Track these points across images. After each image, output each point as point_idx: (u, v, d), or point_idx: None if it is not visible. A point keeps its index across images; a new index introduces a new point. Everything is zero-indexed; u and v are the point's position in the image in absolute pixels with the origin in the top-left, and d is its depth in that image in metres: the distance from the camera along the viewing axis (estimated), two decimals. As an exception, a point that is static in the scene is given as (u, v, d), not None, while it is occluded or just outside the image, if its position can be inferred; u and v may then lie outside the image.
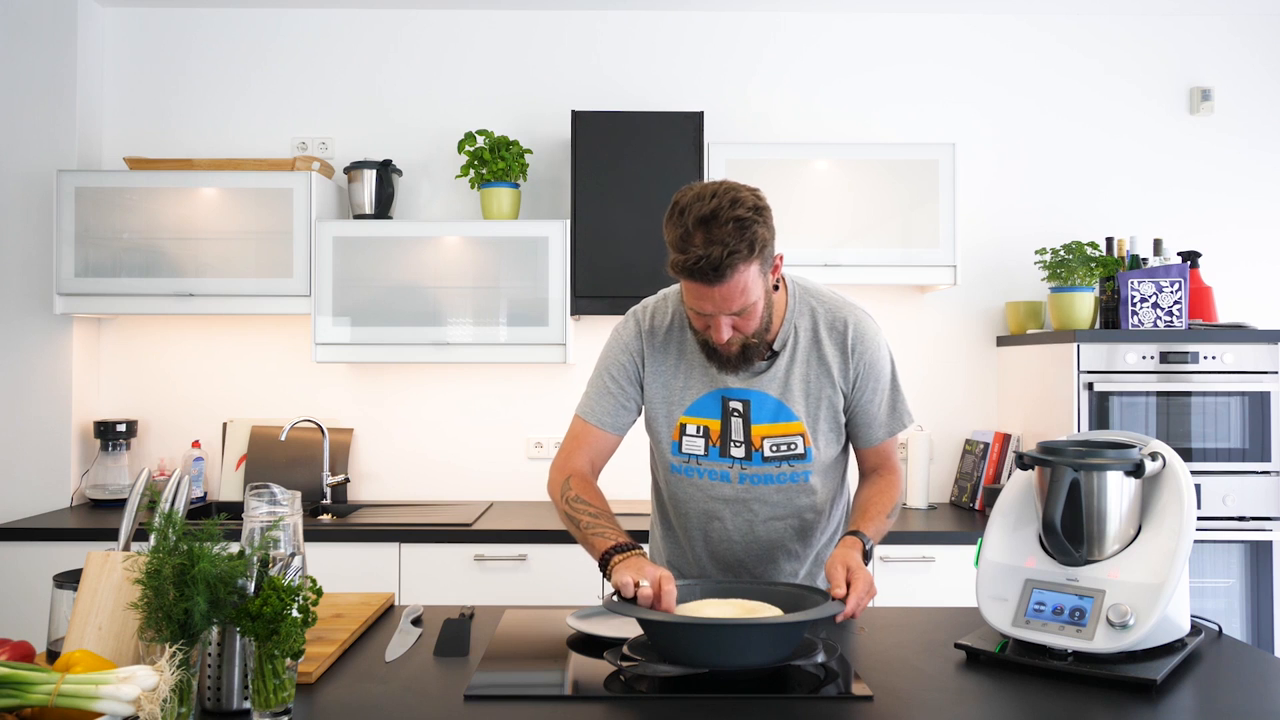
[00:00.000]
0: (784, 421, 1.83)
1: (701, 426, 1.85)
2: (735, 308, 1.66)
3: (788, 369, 1.84)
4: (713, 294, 1.64)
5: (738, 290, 1.64)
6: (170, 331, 3.67)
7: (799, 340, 1.84)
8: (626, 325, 1.92)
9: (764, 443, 1.84)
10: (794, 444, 1.84)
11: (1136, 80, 3.72)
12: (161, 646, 1.23)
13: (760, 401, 1.83)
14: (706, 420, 1.85)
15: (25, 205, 3.47)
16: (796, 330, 1.84)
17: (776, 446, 1.84)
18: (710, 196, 1.62)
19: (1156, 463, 1.62)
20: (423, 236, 3.37)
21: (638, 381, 1.90)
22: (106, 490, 3.46)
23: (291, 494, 1.53)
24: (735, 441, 1.84)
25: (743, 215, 1.61)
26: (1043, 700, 1.43)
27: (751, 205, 1.64)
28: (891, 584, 3.02)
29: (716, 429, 1.85)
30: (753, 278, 1.65)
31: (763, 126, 3.67)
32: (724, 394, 1.84)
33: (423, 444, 3.67)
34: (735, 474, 1.86)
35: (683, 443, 1.87)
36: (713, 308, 1.67)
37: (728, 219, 1.59)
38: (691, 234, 1.61)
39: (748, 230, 1.60)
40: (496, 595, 2.95)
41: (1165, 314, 3.17)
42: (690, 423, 1.86)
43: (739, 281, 1.63)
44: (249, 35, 3.70)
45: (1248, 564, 3.11)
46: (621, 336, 1.92)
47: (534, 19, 3.71)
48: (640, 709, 1.41)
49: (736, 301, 1.65)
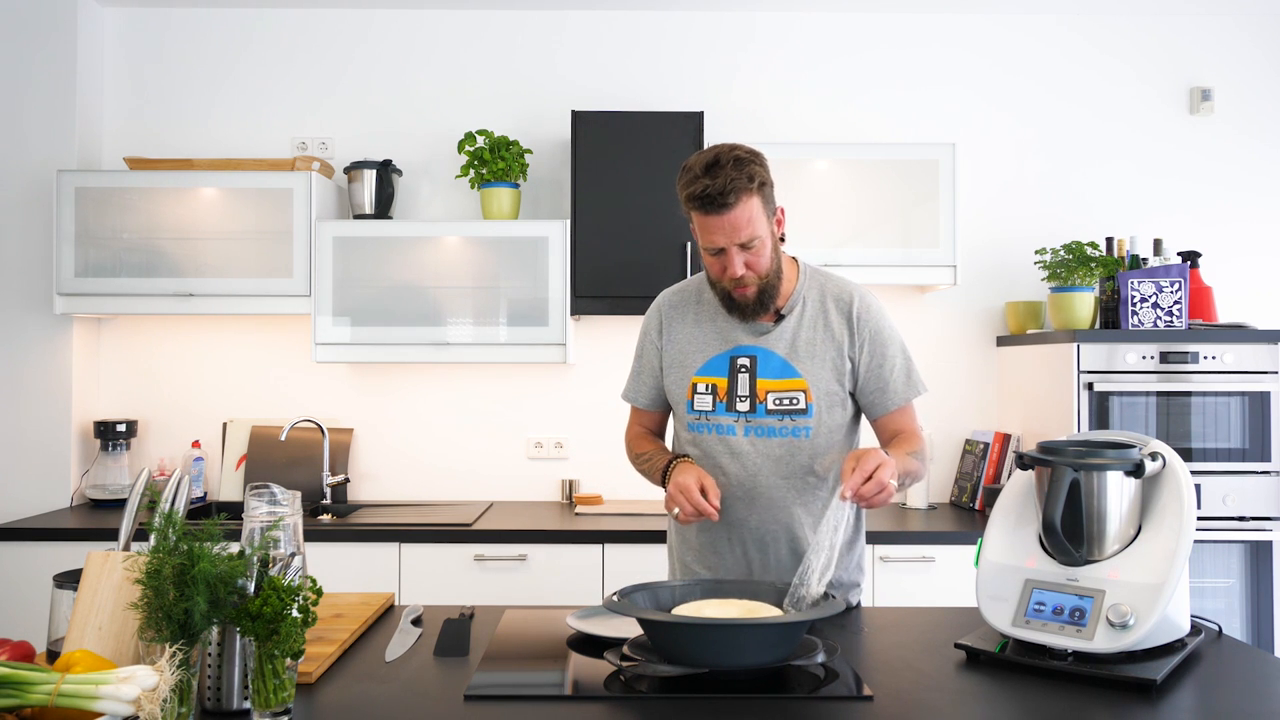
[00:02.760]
0: (788, 378, 1.97)
1: (710, 384, 2.00)
2: (742, 237, 1.85)
3: (795, 330, 1.98)
4: (722, 223, 1.84)
5: (744, 219, 1.84)
6: (170, 331, 3.67)
7: (807, 307, 2.00)
8: (651, 308, 2.14)
9: (768, 396, 1.96)
10: (796, 399, 1.96)
11: (1137, 80, 3.72)
12: (161, 646, 1.23)
13: (766, 358, 1.98)
14: (715, 379, 2.00)
15: (25, 205, 3.47)
16: (805, 299, 2.00)
17: (779, 400, 1.96)
18: (711, 150, 1.89)
19: (1156, 463, 1.62)
20: (423, 236, 3.37)
21: (659, 358, 2.10)
22: (106, 490, 3.46)
23: (291, 494, 1.53)
24: (740, 396, 1.98)
25: (741, 156, 1.86)
26: (1043, 700, 1.43)
27: (748, 151, 1.88)
28: (891, 584, 3.02)
29: (724, 386, 1.99)
30: (756, 211, 1.86)
31: (763, 126, 3.67)
32: (733, 353, 2.00)
33: (423, 444, 3.67)
34: (740, 427, 1.98)
35: (694, 400, 2.02)
36: (724, 239, 1.86)
37: (728, 160, 1.84)
38: (699, 176, 1.84)
39: (746, 166, 1.85)
40: (496, 595, 2.95)
41: (1165, 314, 3.17)
42: (701, 381, 2.01)
43: (744, 211, 1.84)
44: (249, 35, 3.70)
45: (1248, 564, 3.11)
46: (646, 320, 2.14)
47: (534, 19, 3.71)
48: (640, 709, 1.41)
49: (743, 230, 1.85)
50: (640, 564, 2.97)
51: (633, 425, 2.20)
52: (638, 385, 2.14)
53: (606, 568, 3.02)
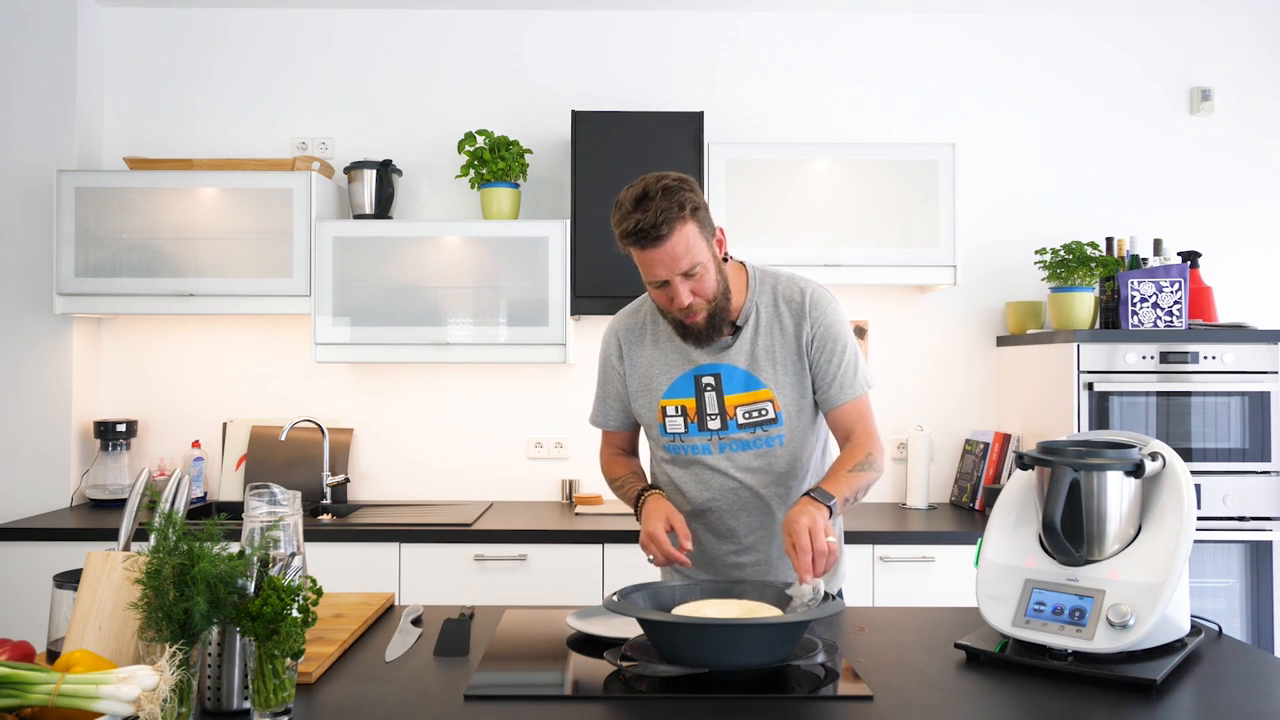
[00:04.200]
0: (753, 390, 1.97)
1: (679, 406, 2.01)
2: (682, 266, 1.83)
3: (752, 341, 1.98)
4: (660, 256, 1.82)
5: (681, 249, 1.82)
6: (170, 331, 3.67)
7: (760, 315, 1.99)
8: (606, 336, 2.13)
9: (737, 411, 1.97)
10: (764, 409, 1.97)
11: (1136, 80, 3.72)
12: (161, 646, 1.23)
13: (729, 374, 1.98)
14: (683, 400, 2.00)
15: (25, 205, 3.47)
16: (758, 307, 1.99)
17: (749, 413, 1.97)
18: (639, 183, 1.85)
19: (1156, 463, 1.62)
20: (423, 236, 3.37)
21: (623, 382, 2.09)
22: (106, 490, 3.46)
23: (291, 494, 1.53)
24: (710, 415, 1.99)
25: (669, 185, 1.82)
26: (1043, 700, 1.43)
27: (675, 178, 1.84)
28: (891, 584, 3.02)
29: (693, 406, 2.00)
30: (692, 237, 1.83)
31: (763, 126, 3.67)
32: (696, 373, 1.99)
33: (423, 444, 3.67)
34: (715, 444, 1.99)
35: (666, 424, 2.02)
36: (665, 271, 1.84)
37: (656, 191, 1.81)
38: (630, 211, 1.82)
39: (675, 194, 1.81)
40: (496, 595, 2.95)
41: (1165, 314, 3.17)
42: (669, 404, 2.01)
43: (679, 240, 1.81)
44: (249, 35, 3.70)
45: (1248, 564, 3.11)
46: (603, 347, 2.13)
47: (534, 19, 3.71)
48: (640, 709, 1.41)
49: (682, 260, 1.83)
50: (640, 564, 2.92)
51: (605, 448, 2.20)
52: (605, 410, 2.14)
53: (606, 568, 3.02)
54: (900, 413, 3.67)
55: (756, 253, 3.29)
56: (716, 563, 2.05)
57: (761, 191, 3.35)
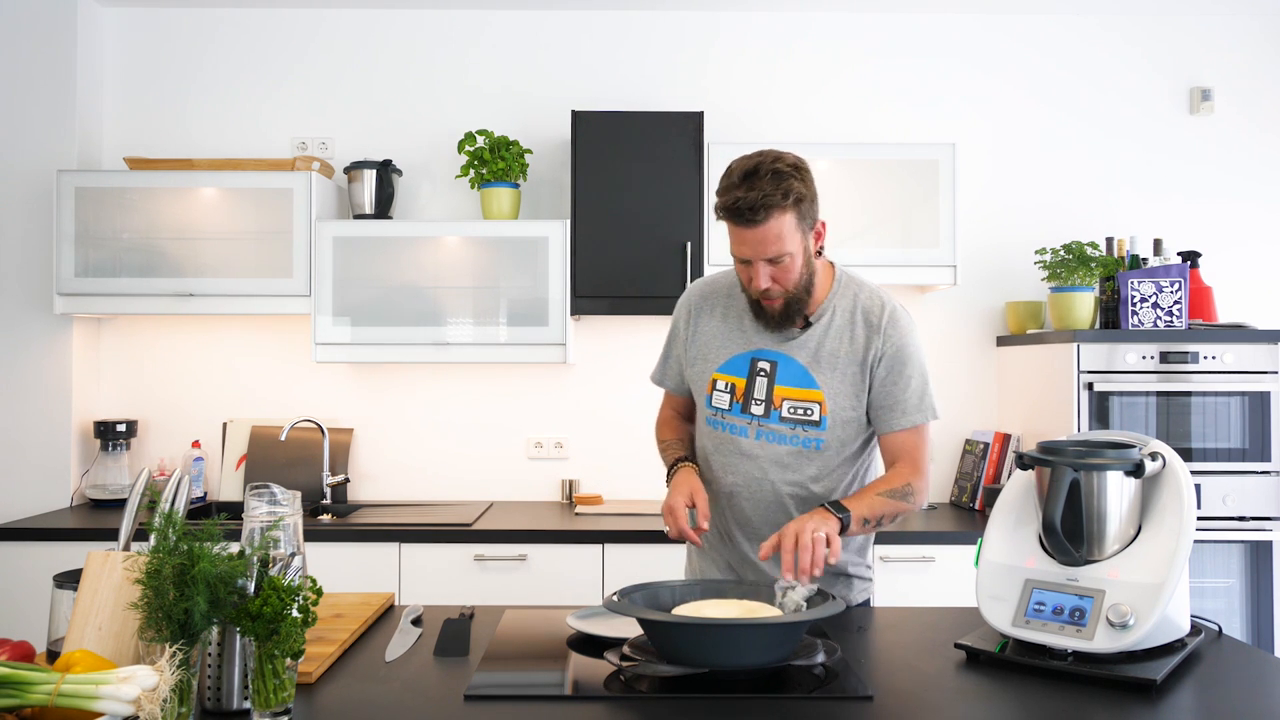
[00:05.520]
0: (806, 387, 1.94)
1: (729, 383, 1.99)
2: (770, 253, 1.81)
3: (820, 340, 1.94)
4: (749, 236, 1.81)
5: (772, 235, 1.80)
6: (170, 331, 3.67)
7: (835, 317, 1.96)
8: (682, 300, 2.11)
9: (783, 403, 1.94)
10: (810, 410, 1.93)
11: (1136, 80, 3.72)
12: (161, 646, 1.23)
13: (787, 364, 1.95)
14: (734, 378, 1.98)
15: (25, 205, 3.47)
16: (835, 309, 1.96)
17: (794, 409, 1.94)
18: (755, 155, 1.83)
19: (1156, 463, 1.62)
20: (423, 236, 3.36)
21: (685, 348, 2.07)
22: (106, 490, 3.46)
23: (291, 494, 1.53)
24: (756, 400, 1.96)
25: (781, 169, 1.80)
26: (1043, 700, 1.43)
27: (791, 163, 1.82)
28: (891, 584, 3.02)
29: (742, 386, 1.97)
30: (788, 227, 1.81)
31: (763, 126, 3.67)
32: (754, 355, 1.97)
33: (422, 444, 3.67)
34: (753, 430, 1.96)
35: (713, 396, 2.00)
36: (750, 252, 1.82)
37: (767, 171, 1.79)
38: (736, 184, 1.79)
39: (784, 181, 1.79)
40: (496, 595, 2.95)
41: (1165, 314, 3.17)
42: (721, 379, 2.00)
43: (773, 227, 1.79)
44: (249, 35, 3.70)
45: (1248, 564, 3.11)
46: (679, 306, 2.11)
47: (534, 19, 3.71)
48: (640, 709, 1.41)
49: (771, 246, 1.81)
50: (640, 564, 2.97)
51: (664, 407, 2.21)
52: (664, 370, 2.15)
53: (606, 568, 3.02)
54: (900, 413, 3.66)
55: (756, 253, 3.30)
56: (730, 549, 2.04)
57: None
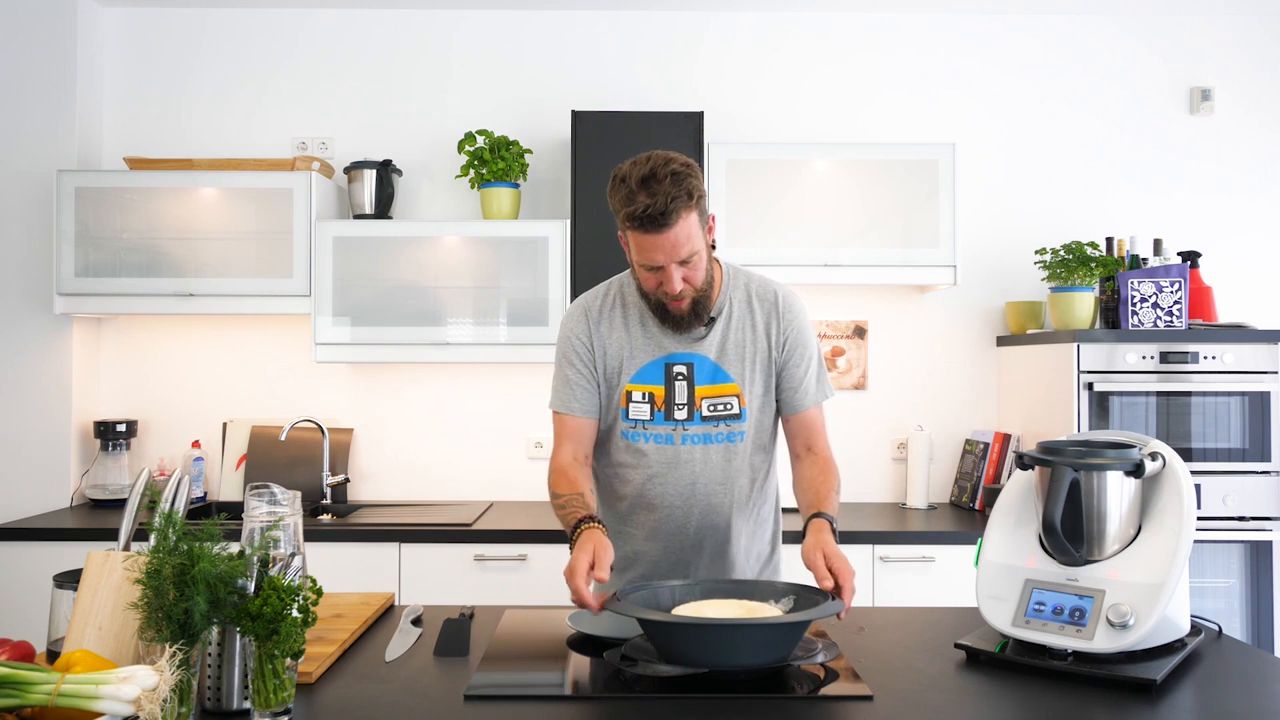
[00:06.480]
0: (720, 383, 1.96)
1: (646, 393, 1.97)
2: (682, 254, 1.81)
3: (724, 333, 1.97)
4: (662, 242, 1.80)
5: (683, 237, 1.80)
6: (170, 331, 3.67)
7: (733, 309, 1.98)
8: (571, 314, 2.05)
9: (703, 403, 1.96)
10: (729, 404, 1.96)
11: (1137, 80, 3.72)
12: (161, 646, 1.23)
13: (701, 364, 1.96)
14: (651, 387, 1.97)
15: (25, 205, 3.47)
16: (731, 301, 1.99)
17: (714, 406, 1.96)
18: (645, 161, 1.82)
19: (1156, 463, 1.62)
20: (423, 236, 3.37)
21: (592, 363, 2.00)
22: (106, 490, 3.46)
23: (291, 494, 1.53)
24: (679, 404, 1.96)
25: (677, 169, 1.80)
26: (1043, 700, 1.43)
27: (684, 162, 1.82)
28: (891, 584, 3.02)
29: (661, 394, 1.96)
30: (694, 226, 1.82)
31: (763, 126, 3.67)
32: (668, 360, 1.96)
33: (422, 444, 3.67)
34: (677, 436, 1.96)
35: (629, 409, 1.98)
36: (664, 257, 1.81)
37: (665, 174, 1.78)
38: (636, 192, 1.78)
39: (684, 181, 1.79)
40: (496, 595, 2.95)
41: (1165, 314, 3.17)
42: (635, 390, 1.97)
43: (683, 228, 1.79)
44: (249, 35, 3.70)
45: (1248, 564, 3.11)
46: (568, 325, 2.03)
47: (534, 19, 3.71)
48: (640, 709, 1.41)
49: (683, 248, 1.81)
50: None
51: (558, 452, 1.97)
52: (569, 392, 1.98)
53: (606, 568, 3.02)
54: (900, 413, 3.67)
55: (757, 252, 3.30)
56: (669, 559, 1.99)
57: (762, 191, 3.35)
